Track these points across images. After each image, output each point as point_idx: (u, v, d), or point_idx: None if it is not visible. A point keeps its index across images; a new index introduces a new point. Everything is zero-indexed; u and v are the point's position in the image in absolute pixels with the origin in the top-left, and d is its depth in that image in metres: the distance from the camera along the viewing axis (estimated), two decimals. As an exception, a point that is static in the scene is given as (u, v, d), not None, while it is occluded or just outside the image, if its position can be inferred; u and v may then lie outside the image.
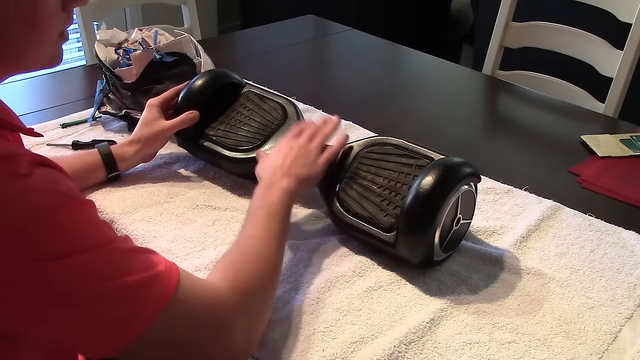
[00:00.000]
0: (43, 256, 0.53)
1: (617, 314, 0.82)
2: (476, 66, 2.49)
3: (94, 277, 0.56)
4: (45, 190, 0.55)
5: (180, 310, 0.62)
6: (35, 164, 0.57)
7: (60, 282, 0.54)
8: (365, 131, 1.26)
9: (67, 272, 0.55)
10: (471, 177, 0.86)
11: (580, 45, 1.63)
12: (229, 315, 0.66)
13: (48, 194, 0.55)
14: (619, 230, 0.98)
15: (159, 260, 0.62)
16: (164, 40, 1.27)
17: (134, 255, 0.61)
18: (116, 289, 0.57)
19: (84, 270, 0.56)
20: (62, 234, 0.55)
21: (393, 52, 1.84)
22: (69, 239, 0.55)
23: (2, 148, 0.56)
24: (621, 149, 1.24)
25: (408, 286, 0.85)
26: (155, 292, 0.60)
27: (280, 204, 0.83)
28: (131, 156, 1.04)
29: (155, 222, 0.95)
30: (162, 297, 0.60)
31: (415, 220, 0.82)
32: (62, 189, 0.57)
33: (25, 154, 0.57)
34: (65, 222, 0.56)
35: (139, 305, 0.58)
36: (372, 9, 3.31)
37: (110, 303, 0.57)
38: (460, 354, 0.74)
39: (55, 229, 0.55)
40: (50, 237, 0.54)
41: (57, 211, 0.55)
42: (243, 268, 0.72)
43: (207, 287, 0.67)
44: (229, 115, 1.09)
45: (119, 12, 3.10)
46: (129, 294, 0.58)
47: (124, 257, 0.60)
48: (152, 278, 0.60)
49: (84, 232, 0.57)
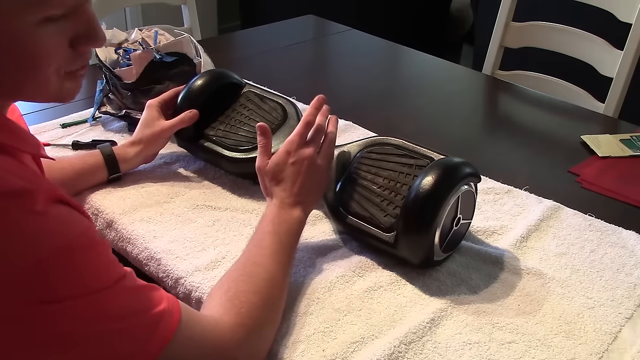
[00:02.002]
0: (54, 297, 0.53)
1: (617, 314, 0.81)
2: (476, 66, 2.49)
3: (100, 318, 0.56)
4: (60, 232, 0.55)
5: (182, 348, 0.62)
6: (52, 201, 0.56)
7: (67, 322, 0.54)
8: (365, 131, 1.26)
9: (74, 313, 0.54)
10: (471, 177, 0.86)
11: (580, 45, 1.63)
12: (232, 352, 0.67)
13: (63, 236, 0.55)
14: (619, 230, 0.98)
15: (161, 297, 0.62)
16: (164, 40, 1.27)
17: (139, 294, 0.61)
18: (120, 329, 0.57)
19: (90, 311, 0.56)
20: (73, 276, 0.55)
21: (393, 52, 1.84)
22: (80, 281, 0.55)
23: (19, 182, 0.55)
24: (621, 149, 1.24)
25: (408, 286, 0.85)
26: (158, 331, 0.60)
27: (291, 235, 0.82)
28: (133, 157, 1.04)
29: (155, 222, 0.95)
30: (164, 335, 0.60)
31: (415, 220, 0.82)
32: (77, 231, 0.56)
33: (42, 190, 0.56)
34: (78, 265, 0.55)
35: (141, 345, 0.58)
36: (372, 9, 3.31)
37: (113, 343, 0.57)
38: (460, 354, 0.74)
39: (66, 272, 0.54)
40: (61, 279, 0.54)
41: (70, 254, 0.55)
42: (247, 301, 0.71)
43: (209, 323, 0.67)
44: (229, 115, 1.09)
45: (119, 12, 3.10)
46: (133, 334, 0.58)
47: (130, 297, 0.59)
48: (155, 317, 0.60)
49: (95, 275, 0.57)
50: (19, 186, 0.54)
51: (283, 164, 0.86)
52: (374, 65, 1.73)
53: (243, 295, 0.72)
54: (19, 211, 0.53)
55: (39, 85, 0.60)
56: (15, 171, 0.56)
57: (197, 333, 0.64)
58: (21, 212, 0.53)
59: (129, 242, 0.93)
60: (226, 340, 0.66)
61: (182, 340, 0.62)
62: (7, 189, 0.53)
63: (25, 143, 0.63)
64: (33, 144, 0.65)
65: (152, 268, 0.89)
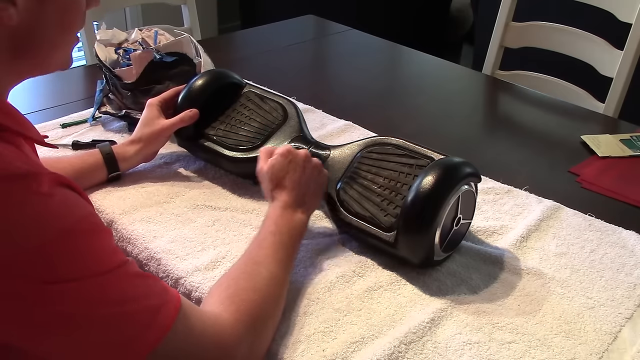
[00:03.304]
0: (56, 278, 0.54)
1: (617, 314, 0.82)
2: (476, 66, 2.49)
3: (101, 301, 0.57)
4: (65, 214, 0.56)
5: (181, 340, 0.62)
6: (56, 184, 0.57)
7: (67, 303, 0.55)
8: (365, 131, 1.26)
9: (74, 295, 0.55)
10: (472, 177, 0.87)
11: (580, 45, 1.63)
12: (231, 349, 0.67)
13: (68, 218, 0.56)
14: (619, 230, 0.98)
15: (163, 287, 0.63)
16: (164, 40, 1.27)
17: (141, 281, 0.61)
18: (121, 313, 0.58)
19: (92, 294, 0.56)
20: (77, 258, 0.55)
21: (393, 52, 1.84)
22: (82, 264, 0.56)
23: (24, 165, 0.56)
24: (621, 149, 1.24)
25: (408, 286, 0.85)
26: (158, 319, 0.60)
27: (293, 235, 0.83)
28: (132, 156, 1.04)
29: (155, 222, 0.95)
30: (164, 323, 0.60)
31: (415, 219, 0.82)
32: (81, 214, 0.58)
33: (45, 173, 0.57)
34: (81, 248, 0.56)
35: (141, 331, 0.59)
36: (372, 9, 3.31)
37: (113, 327, 0.57)
38: (460, 354, 0.74)
39: (69, 254, 0.55)
40: (64, 260, 0.54)
41: (74, 236, 0.56)
42: (247, 299, 0.72)
43: (209, 319, 0.67)
44: (229, 115, 1.09)
45: (119, 12, 3.10)
46: (133, 319, 0.58)
47: (131, 282, 0.60)
48: (156, 305, 0.60)
49: (97, 258, 0.57)
50: (24, 169, 0.55)
51: (282, 167, 0.87)
52: (374, 65, 1.73)
53: (243, 292, 0.72)
54: (23, 192, 0.54)
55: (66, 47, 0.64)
56: (19, 157, 0.57)
57: (197, 327, 0.64)
58: (26, 193, 0.54)
59: (129, 242, 0.93)
60: (225, 336, 0.66)
61: (182, 331, 0.62)
62: (11, 172, 0.54)
63: (27, 128, 0.64)
64: (34, 130, 0.66)
65: (152, 268, 0.89)
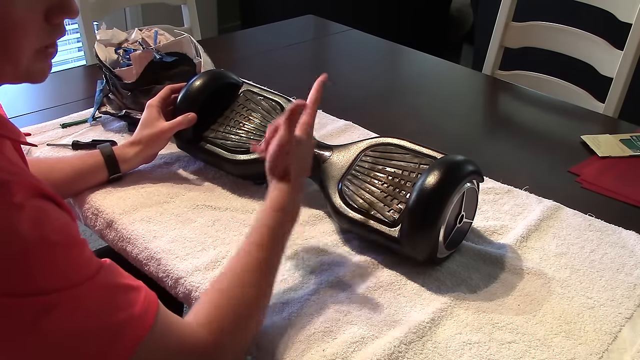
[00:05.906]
0: (18, 292, 0.52)
1: (617, 314, 0.82)
2: (476, 66, 2.49)
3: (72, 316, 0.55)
4: (34, 227, 0.53)
5: (156, 349, 0.61)
6: (31, 195, 0.55)
7: (36, 317, 0.53)
8: (365, 131, 1.26)
9: (43, 309, 0.53)
10: (475, 174, 0.87)
11: (580, 45, 1.63)
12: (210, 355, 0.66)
13: (36, 231, 0.53)
14: (619, 230, 0.98)
15: (135, 300, 0.60)
16: (164, 40, 1.27)
17: (115, 292, 0.59)
18: (94, 327, 0.56)
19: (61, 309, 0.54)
20: (44, 272, 0.53)
21: (393, 52, 1.84)
22: (49, 278, 0.54)
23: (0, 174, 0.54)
24: (621, 149, 1.24)
25: (408, 286, 0.85)
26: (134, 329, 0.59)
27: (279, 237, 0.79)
28: (133, 157, 1.04)
29: (155, 222, 0.95)
30: (138, 334, 0.59)
31: (422, 215, 0.82)
32: (53, 227, 0.55)
33: (23, 182, 0.55)
34: (49, 261, 0.54)
35: (114, 343, 0.57)
36: (371, 9, 3.31)
37: (87, 340, 0.56)
38: (460, 354, 0.74)
39: (37, 267, 0.53)
40: (29, 274, 0.53)
41: (43, 249, 0.54)
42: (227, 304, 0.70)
43: (188, 330, 0.66)
44: (228, 117, 1.08)
45: (119, 12, 3.10)
46: (106, 332, 0.57)
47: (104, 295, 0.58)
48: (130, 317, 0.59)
49: (65, 273, 0.55)
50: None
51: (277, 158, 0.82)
52: (373, 65, 1.73)
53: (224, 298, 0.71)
54: None
55: (9, 61, 0.57)
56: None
57: (173, 342, 0.63)
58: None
59: (129, 242, 0.93)
60: (204, 346, 0.66)
61: (153, 349, 0.60)
62: None
63: (5, 128, 0.62)
64: (13, 130, 0.63)
65: (152, 268, 0.89)
